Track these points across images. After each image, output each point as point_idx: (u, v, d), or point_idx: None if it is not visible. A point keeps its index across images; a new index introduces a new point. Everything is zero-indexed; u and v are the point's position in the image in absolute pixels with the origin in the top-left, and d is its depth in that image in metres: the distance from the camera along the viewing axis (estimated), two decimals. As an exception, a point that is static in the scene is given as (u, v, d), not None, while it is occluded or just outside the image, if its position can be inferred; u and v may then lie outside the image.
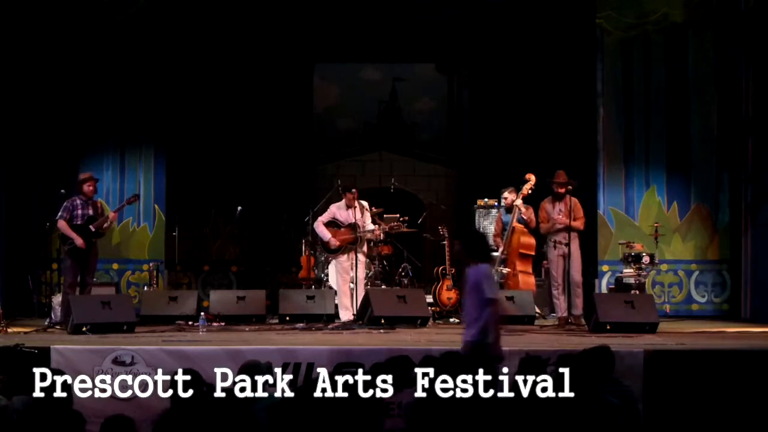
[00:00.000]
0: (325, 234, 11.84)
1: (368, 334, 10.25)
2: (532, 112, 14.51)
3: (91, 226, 10.98)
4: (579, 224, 11.31)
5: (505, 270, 11.80)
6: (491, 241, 12.34)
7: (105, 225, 11.20)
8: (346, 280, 11.82)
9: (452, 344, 8.60)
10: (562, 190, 11.28)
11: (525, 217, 11.82)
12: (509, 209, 12.05)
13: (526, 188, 11.82)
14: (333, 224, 11.86)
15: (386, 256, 13.18)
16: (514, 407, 6.01)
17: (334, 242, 11.78)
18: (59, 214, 11.01)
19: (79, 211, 11.03)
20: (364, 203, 12.01)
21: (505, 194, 12.08)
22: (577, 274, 11.22)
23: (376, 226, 11.95)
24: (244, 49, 14.47)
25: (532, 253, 12.02)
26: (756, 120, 12.85)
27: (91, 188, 11.18)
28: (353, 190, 11.91)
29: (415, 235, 13.60)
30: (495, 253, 12.61)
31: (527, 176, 11.87)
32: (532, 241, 11.93)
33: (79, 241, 10.85)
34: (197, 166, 14.40)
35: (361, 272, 11.80)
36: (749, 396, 8.15)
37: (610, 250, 13.24)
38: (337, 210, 11.93)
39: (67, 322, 10.29)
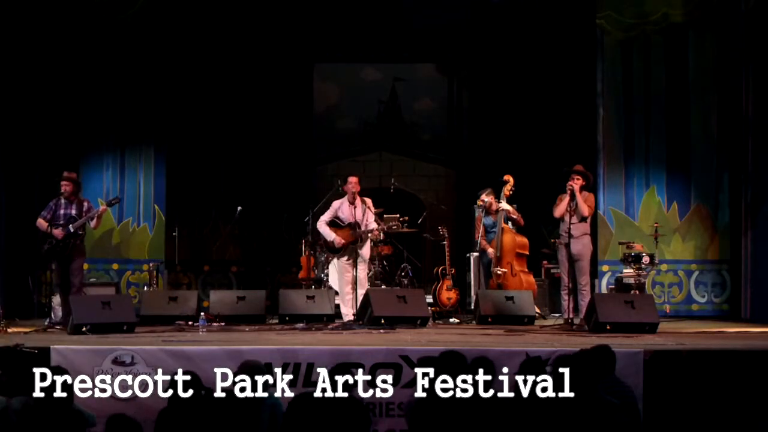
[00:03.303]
0: (329, 234, 11.56)
1: (368, 334, 10.23)
2: (532, 112, 14.53)
3: (71, 226, 10.80)
4: (584, 208, 10.98)
5: (500, 271, 11.78)
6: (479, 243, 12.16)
7: (92, 224, 11.03)
8: (348, 280, 11.54)
9: (452, 344, 8.64)
10: (580, 181, 11.12)
11: (515, 216, 11.83)
12: (488, 211, 12.03)
13: (507, 189, 11.77)
14: (334, 223, 11.72)
15: (386, 256, 13.17)
16: (514, 407, 6.01)
17: (339, 241, 11.50)
18: (41, 213, 10.94)
19: (62, 211, 10.87)
20: (368, 200, 11.72)
21: (483, 197, 12.02)
22: (579, 275, 11.12)
23: (376, 226, 11.60)
24: (244, 50, 14.49)
25: (528, 252, 12.03)
26: (756, 120, 12.83)
27: (67, 188, 10.94)
28: (352, 178, 11.57)
29: (415, 235, 13.61)
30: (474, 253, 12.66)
31: (506, 177, 11.80)
32: (525, 240, 11.95)
33: (52, 231, 10.71)
34: (197, 166, 14.42)
35: (365, 272, 11.69)
36: (749, 396, 8.14)
37: (610, 250, 13.24)
38: (339, 206, 11.65)
39: (67, 322, 10.29)
